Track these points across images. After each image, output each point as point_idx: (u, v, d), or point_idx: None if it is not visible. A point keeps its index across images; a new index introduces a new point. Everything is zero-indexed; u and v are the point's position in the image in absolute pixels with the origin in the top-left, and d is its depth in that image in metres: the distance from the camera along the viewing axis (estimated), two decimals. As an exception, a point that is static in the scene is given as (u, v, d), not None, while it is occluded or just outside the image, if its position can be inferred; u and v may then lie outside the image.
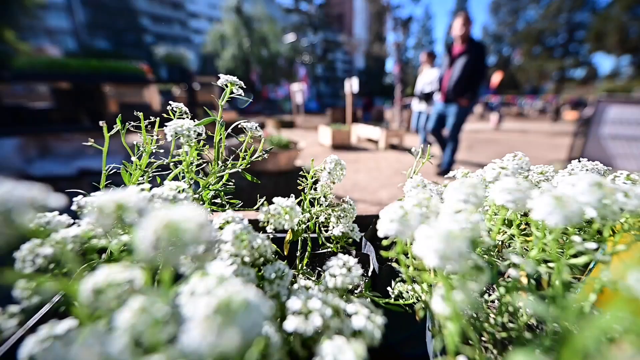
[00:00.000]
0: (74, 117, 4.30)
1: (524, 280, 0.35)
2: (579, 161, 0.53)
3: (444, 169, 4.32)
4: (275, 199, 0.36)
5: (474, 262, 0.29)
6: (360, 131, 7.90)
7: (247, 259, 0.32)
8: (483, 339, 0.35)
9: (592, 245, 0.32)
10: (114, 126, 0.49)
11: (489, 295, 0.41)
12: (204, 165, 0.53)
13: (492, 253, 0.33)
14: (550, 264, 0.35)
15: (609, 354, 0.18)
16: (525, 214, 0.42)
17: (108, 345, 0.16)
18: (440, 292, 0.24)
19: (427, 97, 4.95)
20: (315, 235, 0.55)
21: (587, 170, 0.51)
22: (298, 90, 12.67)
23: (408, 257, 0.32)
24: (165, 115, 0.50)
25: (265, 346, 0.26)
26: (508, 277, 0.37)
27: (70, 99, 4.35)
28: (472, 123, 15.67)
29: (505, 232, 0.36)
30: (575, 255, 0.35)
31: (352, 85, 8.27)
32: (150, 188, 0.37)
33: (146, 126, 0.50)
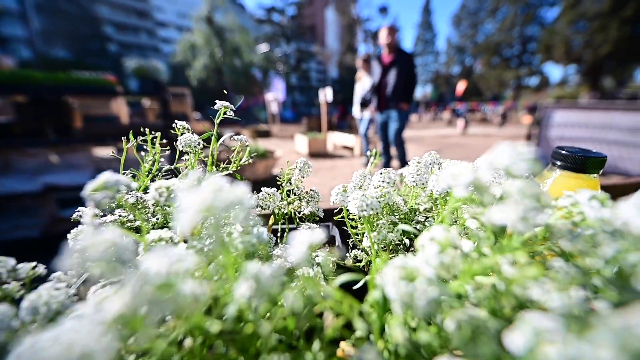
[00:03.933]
0: (38, 130, 4.14)
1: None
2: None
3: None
4: (262, 189, 0.50)
5: (392, 220, 0.45)
6: (336, 139, 8.13)
7: (243, 230, 0.46)
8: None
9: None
10: (127, 139, 0.61)
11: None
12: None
13: (410, 217, 0.49)
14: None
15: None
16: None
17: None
18: (366, 235, 0.39)
19: (367, 104, 5.15)
20: (293, 225, 0.70)
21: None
22: (273, 100, 12.81)
23: (351, 220, 0.48)
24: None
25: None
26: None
27: (33, 112, 4.18)
28: (441, 128, 16.58)
29: (424, 205, 0.53)
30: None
31: (326, 94, 8.54)
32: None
33: (149, 140, 0.62)
